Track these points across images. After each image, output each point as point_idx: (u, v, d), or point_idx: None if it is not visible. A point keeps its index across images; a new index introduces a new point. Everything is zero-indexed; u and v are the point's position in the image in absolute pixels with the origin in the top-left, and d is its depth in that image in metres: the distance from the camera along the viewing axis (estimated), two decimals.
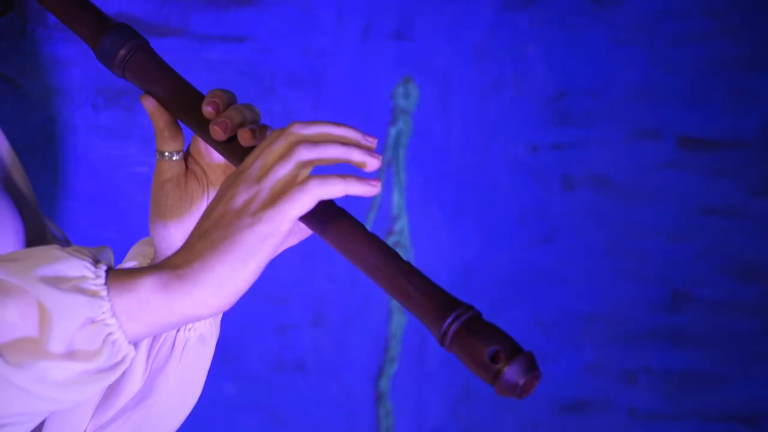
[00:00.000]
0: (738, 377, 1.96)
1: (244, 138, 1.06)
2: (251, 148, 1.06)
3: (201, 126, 1.10)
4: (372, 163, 0.97)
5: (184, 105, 1.12)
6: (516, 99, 1.85)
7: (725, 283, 1.95)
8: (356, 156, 0.96)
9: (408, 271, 0.96)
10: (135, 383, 1.17)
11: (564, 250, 1.89)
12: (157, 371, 1.17)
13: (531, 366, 0.90)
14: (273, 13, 1.73)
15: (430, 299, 0.94)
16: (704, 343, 1.95)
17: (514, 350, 0.90)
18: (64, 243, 1.25)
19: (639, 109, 1.90)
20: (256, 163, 0.95)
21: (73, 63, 1.65)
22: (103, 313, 0.91)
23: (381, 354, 1.83)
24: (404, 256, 1.82)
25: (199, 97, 1.12)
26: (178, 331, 1.16)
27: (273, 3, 1.73)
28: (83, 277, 0.91)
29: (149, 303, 0.92)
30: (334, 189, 0.94)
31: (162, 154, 1.16)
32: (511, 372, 0.90)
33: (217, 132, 1.06)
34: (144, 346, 1.16)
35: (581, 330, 1.90)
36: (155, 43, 1.68)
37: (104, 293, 0.91)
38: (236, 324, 1.76)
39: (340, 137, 0.96)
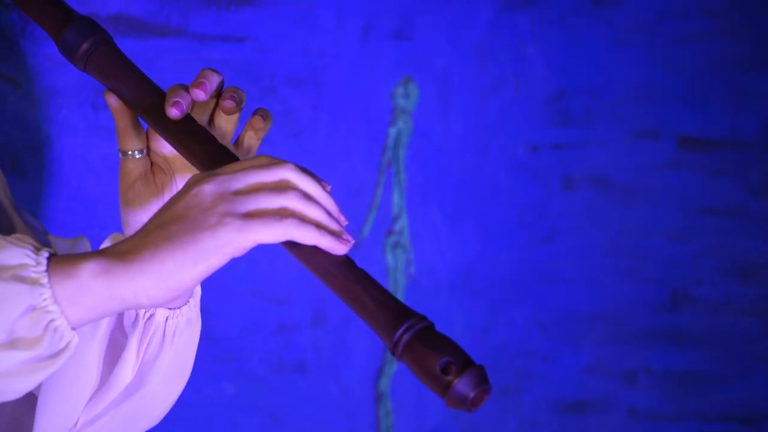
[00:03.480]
0: (738, 377, 1.96)
1: (226, 108, 1.09)
2: (210, 147, 1.07)
3: (160, 123, 1.10)
4: (346, 240, 0.97)
5: (145, 102, 1.12)
6: (516, 99, 1.85)
7: (725, 283, 1.95)
8: (334, 227, 0.96)
9: (363, 278, 0.95)
10: (126, 376, 1.17)
11: (564, 250, 1.89)
12: (149, 362, 1.17)
13: (482, 379, 0.90)
14: (273, 13, 1.73)
15: (384, 308, 0.93)
16: (704, 343, 1.95)
17: (465, 363, 0.90)
18: (42, 236, 1.26)
19: (639, 109, 1.90)
20: (239, 175, 0.94)
21: None
22: (44, 300, 0.90)
23: (381, 354, 1.83)
24: (404, 257, 1.82)
25: (159, 94, 1.12)
26: (167, 319, 1.17)
27: (273, 3, 1.73)
28: (23, 265, 0.91)
29: (90, 288, 0.91)
30: (306, 236, 0.94)
31: (125, 153, 1.16)
32: (462, 384, 0.89)
33: (175, 114, 1.08)
34: (135, 339, 1.16)
35: (581, 330, 1.91)
36: (155, 43, 1.68)
37: (45, 280, 0.91)
38: (236, 324, 1.76)
39: (325, 205, 0.97)
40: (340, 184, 1.78)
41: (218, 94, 1.13)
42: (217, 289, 1.72)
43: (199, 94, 1.09)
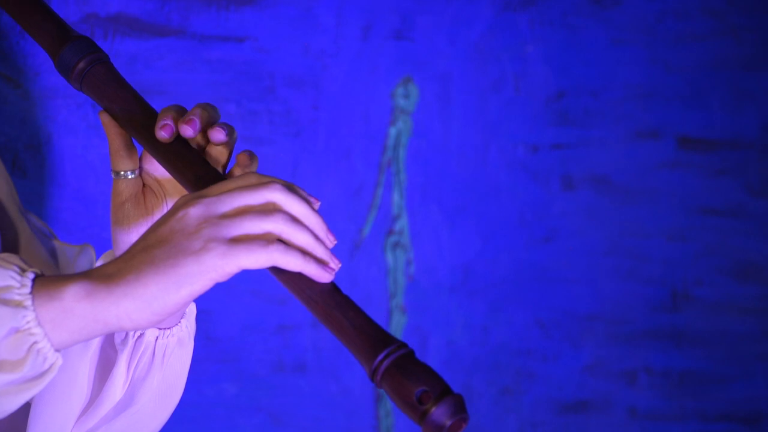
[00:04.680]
0: (738, 377, 1.96)
1: (216, 135, 1.06)
2: (200, 170, 1.06)
3: (152, 144, 1.09)
4: (331, 266, 0.96)
5: (138, 123, 1.11)
6: (516, 99, 1.85)
7: (725, 283, 1.95)
8: (320, 254, 0.95)
9: (344, 304, 0.95)
10: (116, 394, 1.17)
11: (564, 250, 1.89)
12: (139, 380, 1.17)
13: (459, 408, 0.90)
14: (273, 13, 1.73)
15: (364, 334, 0.93)
16: (704, 343, 1.95)
17: (442, 392, 0.90)
18: (49, 241, 1.25)
19: (639, 109, 1.90)
20: (225, 198, 0.93)
21: None
22: (28, 322, 0.90)
23: None
24: (404, 256, 1.82)
25: (152, 115, 1.11)
26: (157, 339, 1.16)
27: (273, 3, 1.73)
28: (8, 287, 0.90)
29: (73, 311, 0.90)
30: (291, 263, 0.94)
31: (118, 173, 1.15)
32: (438, 414, 0.89)
33: (163, 137, 1.07)
34: (124, 357, 1.16)
35: (581, 330, 1.90)
36: (155, 43, 1.68)
37: (28, 302, 0.90)
38: (236, 324, 1.76)
39: (313, 226, 0.95)
40: (340, 184, 1.78)
41: (210, 126, 1.11)
42: (217, 289, 1.72)
43: (187, 131, 1.08)
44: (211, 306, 1.72)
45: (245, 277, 1.76)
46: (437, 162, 1.82)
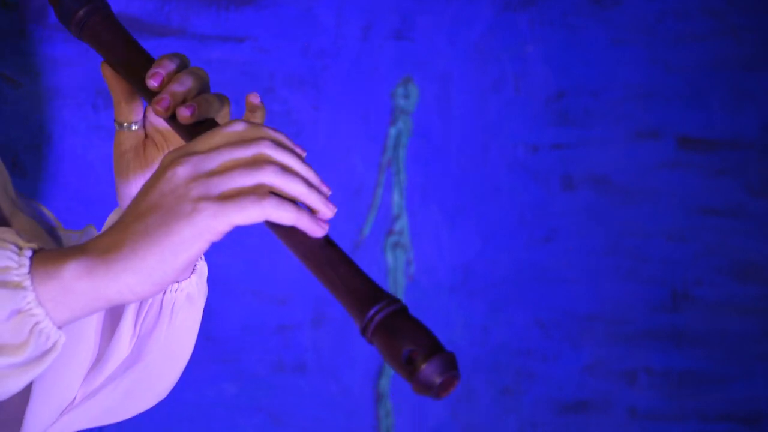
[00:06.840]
0: (738, 377, 1.96)
1: (183, 117, 1.03)
2: (197, 125, 1.03)
3: (149, 93, 1.08)
4: (327, 214, 0.94)
5: (136, 73, 1.09)
6: (516, 99, 1.85)
7: (725, 283, 1.95)
8: (315, 202, 0.93)
9: (336, 260, 0.93)
10: (122, 350, 1.15)
11: (564, 250, 1.89)
12: (146, 335, 1.15)
13: (449, 365, 0.87)
14: (273, 13, 1.73)
15: (355, 290, 0.91)
16: (704, 343, 1.95)
17: (432, 348, 0.87)
18: (54, 230, 1.25)
19: (639, 109, 1.90)
20: (214, 154, 0.91)
21: (73, 63, 1.65)
22: (28, 303, 0.89)
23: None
24: (404, 256, 1.82)
25: (150, 64, 1.10)
26: (164, 293, 1.15)
27: (273, 3, 1.73)
28: (6, 268, 0.89)
29: (74, 290, 0.89)
30: (284, 216, 0.91)
31: (120, 124, 1.14)
32: (427, 372, 0.87)
33: (159, 111, 1.04)
34: (131, 311, 1.15)
35: (581, 330, 1.91)
36: (155, 43, 1.68)
37: (28, 283, 0.89)
38: (236, 324, 1.76)
39: (305, 177, 0.94)
40: (340, 184, 1.78)
41: (202, 90, 1.08)
42: (217, 289, 1.73)
43: (151, 84, 1.06)
44: (211, 306, 1.72)
45: (245, 277, 1.77)
46: (437, 162, 1.83)
